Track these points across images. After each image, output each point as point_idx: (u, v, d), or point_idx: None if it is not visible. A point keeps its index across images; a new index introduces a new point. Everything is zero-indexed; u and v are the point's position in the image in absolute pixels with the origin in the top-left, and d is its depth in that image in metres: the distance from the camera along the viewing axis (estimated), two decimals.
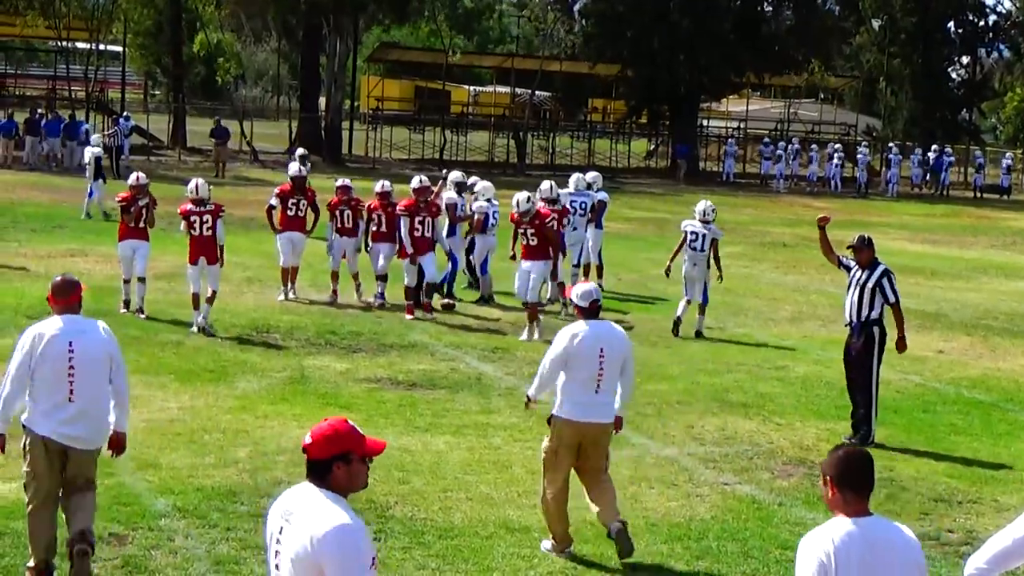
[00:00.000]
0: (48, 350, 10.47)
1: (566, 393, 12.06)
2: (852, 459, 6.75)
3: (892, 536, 6.74)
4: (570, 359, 11.98)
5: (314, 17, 65.81)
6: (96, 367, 10.60)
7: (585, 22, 71.93)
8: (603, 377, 12.02)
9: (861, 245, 17.29)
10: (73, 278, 11.10)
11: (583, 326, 12.07)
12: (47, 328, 10.60)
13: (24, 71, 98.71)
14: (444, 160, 64.48)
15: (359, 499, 13.01)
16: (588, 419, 12.03)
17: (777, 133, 77.17)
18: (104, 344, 10.71)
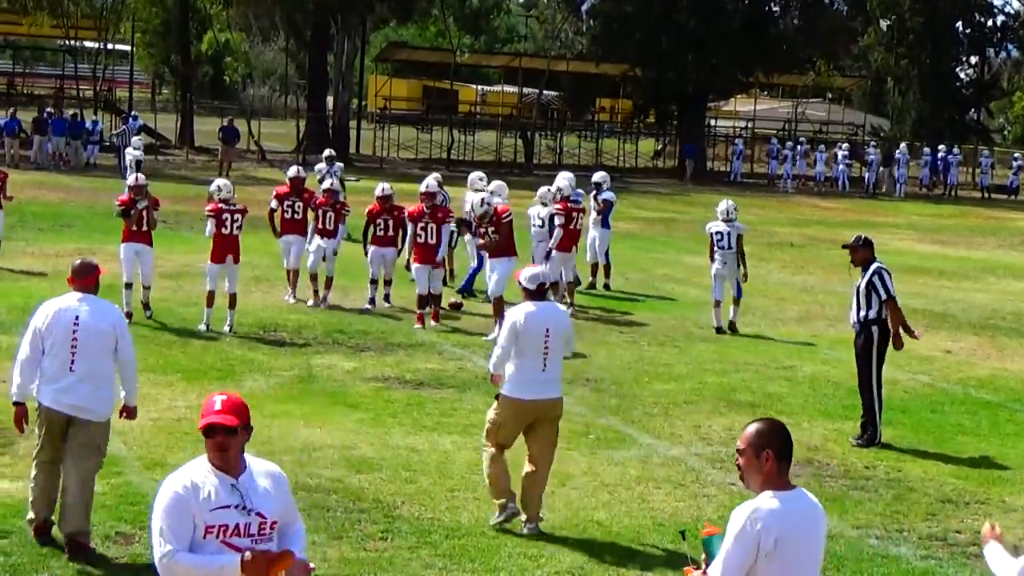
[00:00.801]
0: (54, 322, 11.25)
1: (515, 371, 12.52)
2: (784, 431, 6.86)
3: (814, 506, 6.90)
4: (519, 338, 12.46)
5: (322, 16, 65.84)
6: (99, 341, 11.26)
7: (593, 22, 71.89)
8: (549, 355, 12.50)
9: (856, 244, 17.32)
10: (92, 261, 11.87)
11: (530, 307, 12.62)
12: (58, 303, 11.41)
13: (32, 70, 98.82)
14: (452, 160, 64.52)
15: (366, 499, 13.05)
16: (537, 396, 12.49)
17: (785, 133, 77.08)
18: (110, 321, 11.39)
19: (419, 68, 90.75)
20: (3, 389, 16.74)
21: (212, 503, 6.92)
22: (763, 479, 6.78)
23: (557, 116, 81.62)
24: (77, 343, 11.22)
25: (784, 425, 6.95)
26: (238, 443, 7.09)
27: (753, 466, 6.80)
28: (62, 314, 11.30)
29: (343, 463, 14.36)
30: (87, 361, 11.25)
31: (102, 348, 11.33)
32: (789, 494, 6.77)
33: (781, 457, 6.76)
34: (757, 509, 6.67)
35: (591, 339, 22.41)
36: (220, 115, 63.29)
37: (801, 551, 6.75)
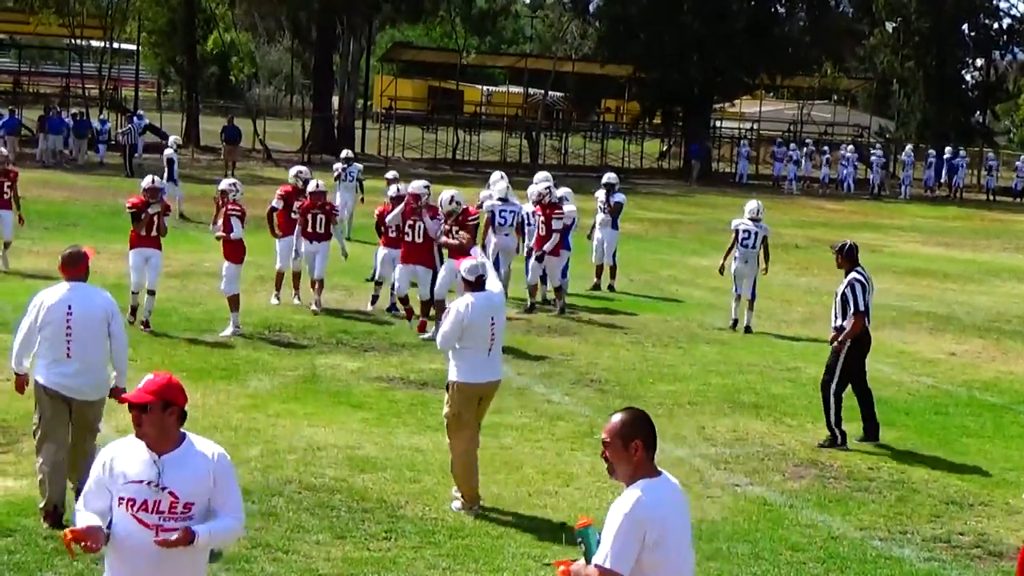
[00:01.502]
0: (49, 313, 11.89)
1: (463, 358, 13.14)
2: (648, 420, 7.06)
3: (679, 489, 7.20)
4: (465, 327, 13.03)
5: (327, 16, 65.88)
6: (92, 327, 11.93)
7: (598, 23, 71.89)
8: (494, 341, 13.26)
9: (838, 251, 17.45)
10: (80, 249, 12.42)
11: (471, 297, 13.19)
12: (51, 294, 12.04)
13: (38, 69, 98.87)
14: (457, 160, 64.54)
15: (370, 498, 13.06)
16: (484, 379, 13.27)
17: (790, 134, 77.03)
18: (101, 309, 12.03)
19: (424, 68, 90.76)
20: (5, 388, 16.81)
21: (127, 476, 7.18)
22: (633, 469, 6.97)
23: (562, 117, 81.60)
24: (71, 330, 11.86)
25: (647, 414, 7.12)
26: (151, 420, 7.20)
27: (623, 457, 6.99)
28: (55, 307, 11.89)
29: (347, 463, 14.38)
30: (82, 346, 11.89)
31: (95, 333, 11.96)
32: (659, 481, 7.00)
33: (649, 446, 6.94)
34: (639, 501, 6.85)
35: (595, 340, 22.43)
36: (225, 115, 63.27)
37: (679, 534, 7.01)
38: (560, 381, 19.16)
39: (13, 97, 70.51)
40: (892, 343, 23.82)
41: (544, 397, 18.11)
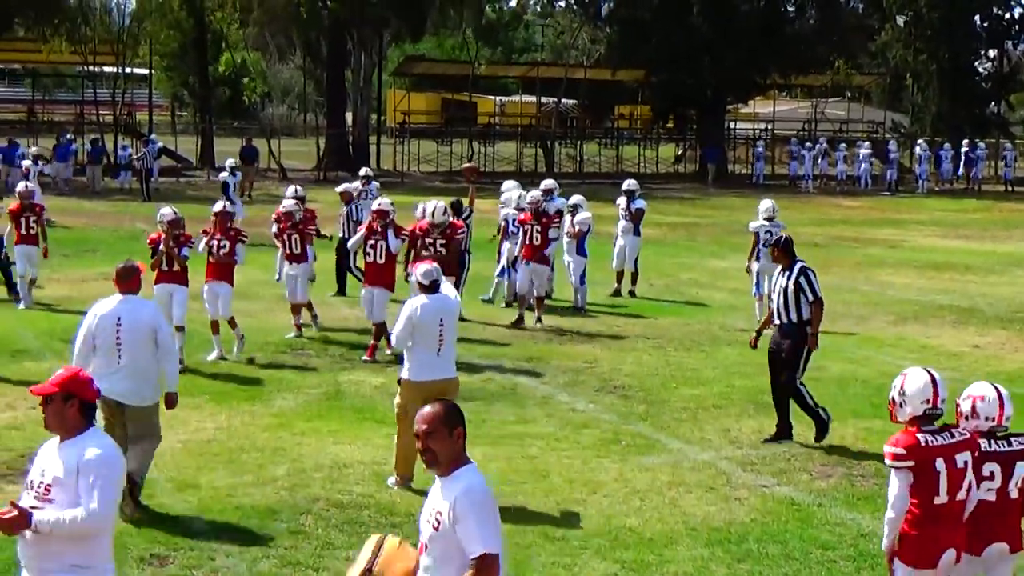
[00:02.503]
0: (101, 324, 12.83)
1: (413, 356, 13.98)
2: (458, 408, 7.48)
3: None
4: (415, 328, 13.87)
5: (338, 33, 65.99)
6: (141, 337, 12.83)
7: (609, 29, 71.89)
8: (443, 341, 13.99)
9: (775, 245, 17.16)
10: (133, 264, 13.49)
11: (424, 299, 13.99)
12: (104, 305, 13.01)
13: (52, 97, 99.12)
14: (479, 171, 64.54)
15: (398, 513, 13.06)
16: (433, 377, 13.88)
17: (805, 133, 76.96)
18: (149, 320, 12.97)
19: (437, 81, 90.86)
20: (32, 416, 16.86)
21: (34, 457, 8.27)
22: (457, 455, 7.38)
23: (576, 124, 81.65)
24: (121, 340, 12.80)
25: (453, 404, 7.56)
26: (53, 410, 8.01)
27: (447, 444, 7.38)
28: (107, 315, 12.87)
29: (374, 478, 14.38)
30: (131, 354, 12.81)
31: (144, 342, 12.86)
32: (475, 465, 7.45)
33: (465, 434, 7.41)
34: (483, 482, 7.39)
35: (617, 347, 22.42)
36: (240, 135, 63.35)
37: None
38: (584, 389, 19.15)
39: (28, 126, 70.68)
40: (915, 337, 23.78)
41: (569, 406, 18.10)
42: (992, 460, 9.18)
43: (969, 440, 9.10)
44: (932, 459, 8.95)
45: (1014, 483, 9.20)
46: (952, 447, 9.00)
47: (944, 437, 9.05)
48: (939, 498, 8.96)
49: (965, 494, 9.05)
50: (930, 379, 9.23)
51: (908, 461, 9.00)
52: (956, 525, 9.07)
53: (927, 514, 8.98)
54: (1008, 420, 9.31)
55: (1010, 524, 9.30)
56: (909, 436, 9.07)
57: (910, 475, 9.00)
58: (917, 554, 9.07)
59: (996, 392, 9.35)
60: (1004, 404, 9.29)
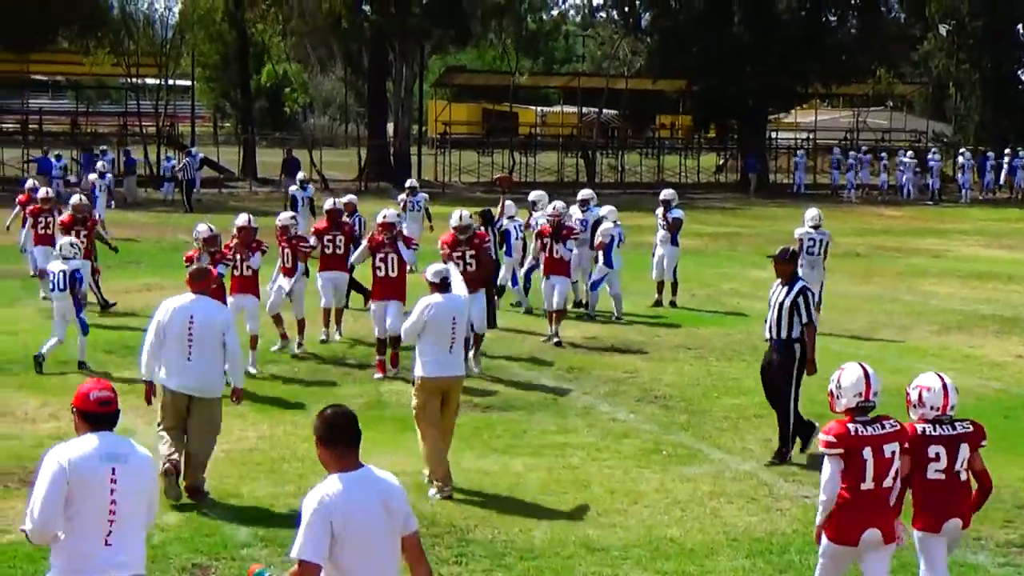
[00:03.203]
0: (173, 320, 13.68)
1: (426, 354, 14.38)
2: (336, 419, 7.77)
3: (381, 484, 7.71)
4: (427, 326, 14.30)
5: (379, 44, 66.12)
6: (210, 335, 13.69)
7: (649, 39, 71.86)
8: (455, 340, 14.45)
9: (783, 258, 16.39)
10: (206, 267, 14.94)
11: (438, 298, 14.42)
12: (176, 302, 13.89)
13: (96, 109, 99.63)
14: (513, 182, 64.53)
15: (439, 523, 13.08)
16: (445, 374, 14.37)
17: (847, 142, 76.72)
18: (219, 321, 13.85)
19: (478, 92, 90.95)
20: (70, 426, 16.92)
21: None
22: (325, 463, 7.74)
23: (617, 134, 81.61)
24: (192, 337, 13.65)
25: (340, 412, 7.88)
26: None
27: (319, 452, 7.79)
28: (179, 312, 13.73)
29: (415, 488, 14.37)
30: (200, 352, 13.68)
31: (212, 341, 13.73)
32: (345, 474, 7.61)
33: (329, 443, 7.70)
34: (322, 493, 7.51)
35: (658, 357, 22.40)
36: (281, 146, 63.59)
37: (368, 531, 7.51)
38: (625, 399, 19.14)
39: (72, 138, 71.07)
40: (958, 347, 23.68)
41: (609, 415, 18.10)
42: (937, 443, 10.03)
43: (899, 431, 9.88)
44: (860, 448, 9.68)
45: (960, 464, 10.05)
46: (881, 437, 9.75)
47: (875, 428, 9.81)
48: (865, 484, 9.67)
49: (892, 481, 9.77)
50: (863, 374, 10.19)
51: (838, 448, 9.72)
52: (881, 508, 9.78)
53: (854, 497, 9.68)
54: (952, 409, 10.24)
55: (963, 503, 10.18)
56: (840, 426, 9.84)
57: (840, 461, 9.70)
58: (839, 531, 9.81)
59: (941, 382, 10.31)
60: (948, 394, 10.22)
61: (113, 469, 7.95)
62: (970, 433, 10.24)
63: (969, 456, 10.14)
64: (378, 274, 20.34)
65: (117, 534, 7.93)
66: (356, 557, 7.48)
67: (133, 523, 8.03)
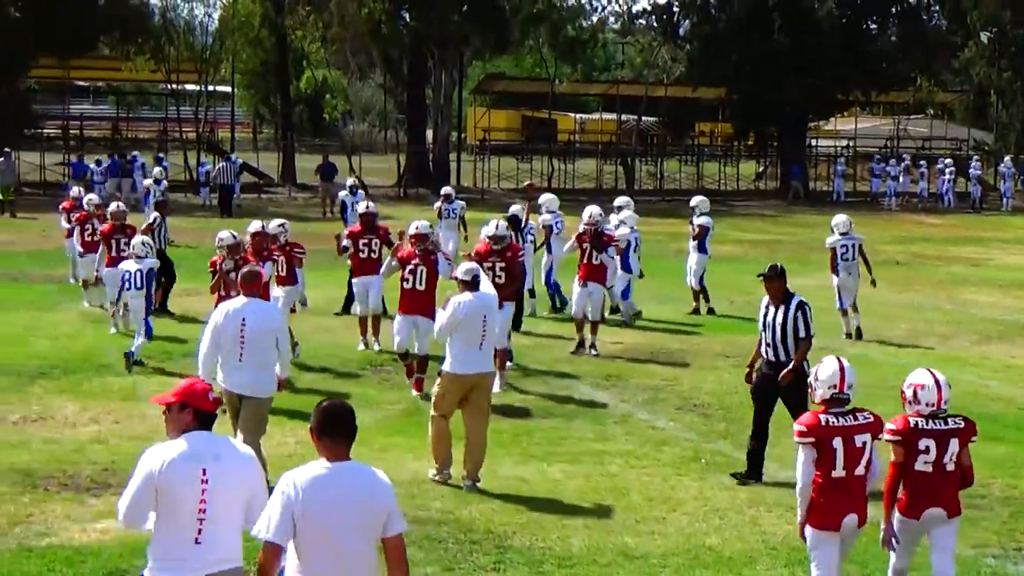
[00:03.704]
0: (226, 322, 14.07)
1: (455, 351, 14.83)
2: (330, 410, 7.97)
3: (360, 479, 7.75)
4: (459, 323, 14.76)
5: (418, 51, 66.21)
6: (261, 337, 14.06)
7: (689, 46, 71.73)
8: (485, 337, 14.90)
9: (772, 275, 15.93)
10: (257, 269, 15.25)
11: (468, 296, 14.88)
12: (230, 306, 14.32)
13: (136, 114, 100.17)
14: (552, 188, 64.57)
15: (477, 530, 13.07)
16: (474, 371, 14.82)
17: (887, 150, 76.44)
18: (270, 323, 14.27)
19: (517, 99, 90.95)
20: (115, 431, 17.03)
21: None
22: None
23: (657, 141, 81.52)
24: (244, 338, 14.00)
25: (334, 406, 8.07)
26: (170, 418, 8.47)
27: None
28: (232, 315, 14.13)
29: (453, 495, 14.40)
30: (252, 352, 14.03)
31: (264, 342, 14.09)
32: (331, 464, 7.77)
33: (321, 433, 7.86)
34: (288, 478, 7.74)
35: (698, 365, 22.35)
36: (320, 152, 63.64)
37: (331, 523, 7.59)
38: (664, 407, 19.11)
39: (113, 143, 71.42)
40: (999, 357, 23.56)
41: (648, 423, 18.07)
42: (928, 436, 10.46)
43: (872, 424, 10.47)
44: (830, 438, 10.30)
45: (948, 457, 10.50)
46: (852, 428, 10.37)
47: (847, 419, 10.42)
48: (836, 472, 10.29)
49: (864, 470, 10.38)
50: (839, 368, 10.70)
51: (809, 438, 10.36)
52: (855, 495, 10.44)
53: (828, 485, 10.32)
54: (946, 404, 10.63)
55: (947, 493, 10.62)
56: (813, 417, 10.48)
57: (813, 450, 10.34)
58: (821, 518, 10.41)
59: (934, 379, 10.75)
60: (942, 390, 10.66)
61: (204, 469, 8.13)
62: (961, 429, 10.62)
63: (958, 451, 10.55)
64: (405, 286, 19.55)
65: (208, 532, 8.15)
66: (315, 547, 7.59)
67: (227, 522, 8.17)
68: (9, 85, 62.15)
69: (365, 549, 7.70)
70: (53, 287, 29.54)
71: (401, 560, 7.76)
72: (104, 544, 12.53)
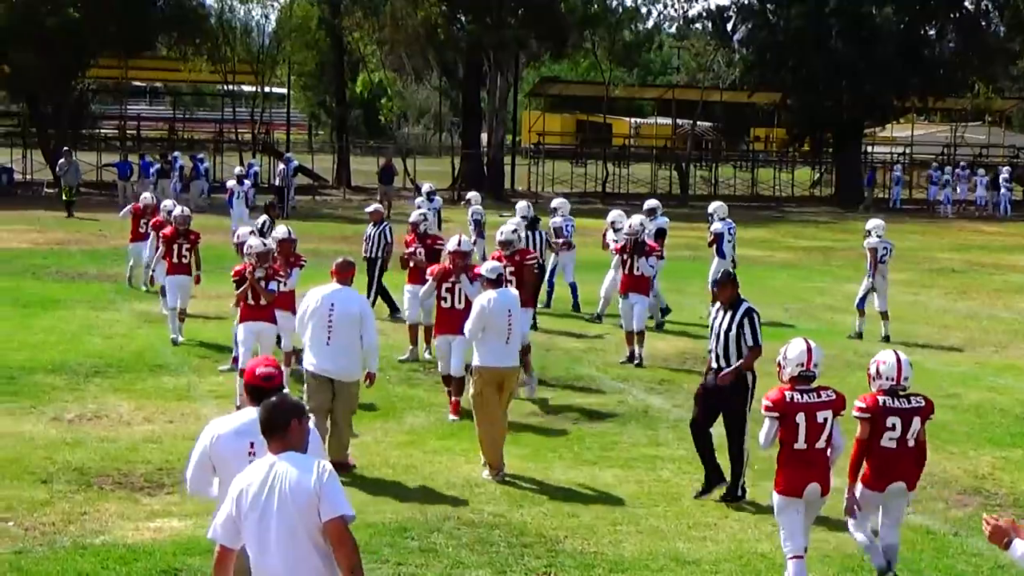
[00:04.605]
0: (316, 307, 14.94)
1: (484, 346, 15.43)
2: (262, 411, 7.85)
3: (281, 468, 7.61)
4: (486, 320, 15.34)
5: (475, 54, 66.28)
6: (349, 323, 14.89)
7: (746, 51, 71.55)
8: (511, 332, 15.46)
9: (724, 280, 15.07)
10: (351, 260, 15.78)
11: (493, 294, 15.54)
12: (320, 292, 15.10)
13: (192, 115, 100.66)
14: (607, 193, 64.55)
15: (529, 533, 13.08)
16: (502, 364, 15.44)
17: (944, 157, 76.06)
18: (357, 310, 15.07)
19: (572, 102, 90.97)
20: (169, 430, 17.11)
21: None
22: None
23: (711, 147, 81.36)
24: (332, 324, 14.83)
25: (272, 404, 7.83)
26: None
27: None
28: (323, 300, 14.94)
29: (505, 498, 14.40)
30: (339, 337, 14.83)
31: (351, 328, 14.88)
32: (272, 457, 7.72)
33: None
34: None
35: None
36: (375, 154, 63.82)
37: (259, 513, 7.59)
38: None
39: (169, 144, 71.81)
40: None
41: None
42: (895, 414, 11.58)
43: (835, 401, 11.52)
44: (794, 413, 11.32)
45: (911, 434, 11.59)
46: (815, 405, 11.40)
47: (811, 396, 11.48)
48: (798, 444, 11.33)
49: (824, 443, 11.40)
50: (806, 347, 11.87)
51: (774, 412, 11.44)
52: (817, 466, 11.43)
53: (791, 455, 11.39)
54: (907, 381, 11.76)
55: (908, 467, 11.68)
56: (779, 392, 11.49)
57: (776, 423, 11.42)
58: (786, 486, 11.44)
59: (896, 357, 11.83)
60: (902, 368, 11.75)
61: (252, 443, 8.54)
62: (922, 408, 11.75)
63: (919, 428, 11.68)
64: (443, 305, 18.50)
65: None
66: (251, 542, 7.66)
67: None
68: (68, 85, 62.53)
69: (301, 541, 7.65)
70: (109, 286, 29.69)
71: (341, 543, 7.65)
72: (157, 543, 12.59)
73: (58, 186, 49.93)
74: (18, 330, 24.04)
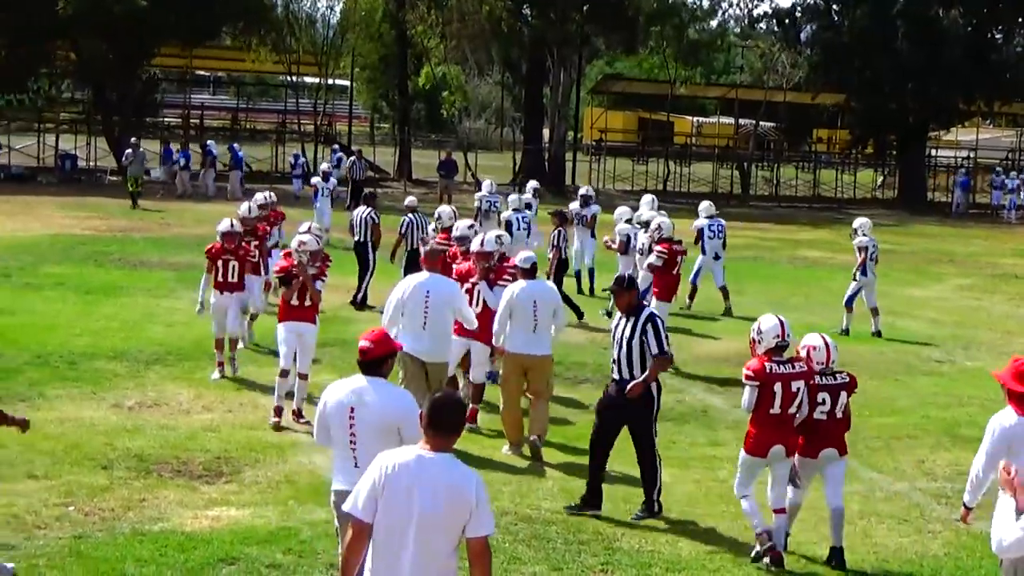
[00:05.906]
0: (412, 293, 15.57)
1: (512, 334, 16.11)
2: (438, 402, 7.93)
3: (446, 471, 7.80)
4: (512, 309, 15.99)
5: (538, 50, 66.29)
6: (442, 309, 15.65)
7: (810, 51, 71.22)
8: (537, 321, 16.02)
9: (619, 286, 14.10)
10: (440, 248, 17.04)
11: (522, 284, 16.17)
12: (414, 279, 15.81)
13: (255, 106, 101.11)
14: (668, 191, 64.39)
15: (586, 531, 13.06)
16: (527, 352, 16.05)
17: (1008, 162, 75.44)
18: (450, 296, 15.82)
19: (635, 100, 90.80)
20: (227, 419, 17.20)
21: None
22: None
23: (773, 147, 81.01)
24: (428, 309, 15.50)
25: (443, 399, 7.96)
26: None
27: None
28: (418, 288, 15.58)
29: (563, 495, 14.39)
30: (434, 321, 15.54)
31: (444, 312, 15.67)
32: (432, 453, 7.86)
33: (427, 425, 7.87)
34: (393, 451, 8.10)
35: None
36: (437, 148, 63.85)
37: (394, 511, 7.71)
38: None
39: (232, 133, 72.13)
40: None
41: None
42: (824, 390, 12.62)
43: (806, 372, 12.52)
44: (772, 382, 12.37)
45: (839, 408, 12.70)
46: (790, 375, 12.43)
47: (787, 367, 12.47)
48: (773, 409, 12.40)
49: (796, 409, 12.47)
50: (779, 322, 12.60)
51: (755, 381, 12.42)
52: (785, 429, 12.51)
53: (764, 419, 12.45)
54: (834, 363, 12.72)
55: (837, 436, 12.81)
56: (759, 363, 12.47)
57: (755, 391, 12.43)
58: (753, 446, 12.61)
59: (824, 342, 12.73)
60: (831, 352, 12.67)
61: (352, 408, 9.49)
62: (847, 383, 12.80)
63: (846, 401, 12.76)
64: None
65: (361, 457, 9.23)
66: (380, 528, 7.75)
67: (377, 451, 8.31)
68: (133, 73, 62.92)
69: (426, 549, 7.71)
70: (170, 274, 29.82)
71: (479, 563, 7.74)
72: (215, 531, 12.65)
73: (123, 175, 50.07)
74: (80, 317, 24.21)
